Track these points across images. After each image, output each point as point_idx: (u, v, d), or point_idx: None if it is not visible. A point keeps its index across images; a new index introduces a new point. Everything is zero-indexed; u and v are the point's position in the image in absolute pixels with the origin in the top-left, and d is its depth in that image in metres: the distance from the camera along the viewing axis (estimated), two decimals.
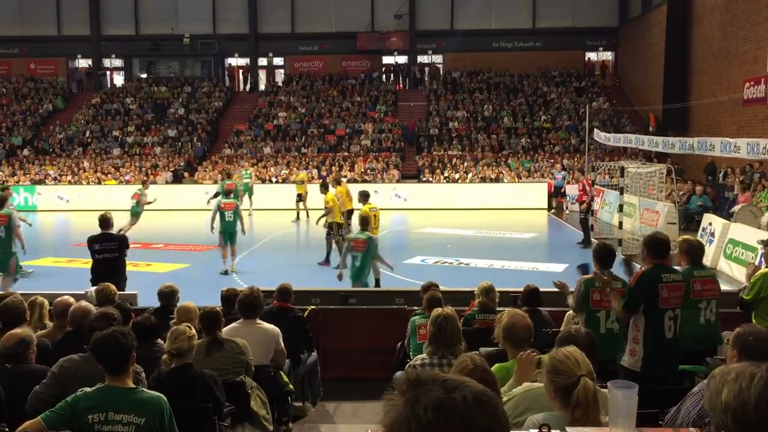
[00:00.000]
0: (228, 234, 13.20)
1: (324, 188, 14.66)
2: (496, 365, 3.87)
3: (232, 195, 13.94)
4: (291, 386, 6.13)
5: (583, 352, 2.96)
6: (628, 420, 2.61)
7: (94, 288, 6.44)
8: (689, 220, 17.88)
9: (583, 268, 5.82)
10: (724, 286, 11.18)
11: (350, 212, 14.50)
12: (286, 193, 23.55)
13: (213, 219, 13.25)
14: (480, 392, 1.28)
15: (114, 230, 9.45)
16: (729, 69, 22.23)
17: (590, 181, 17.54)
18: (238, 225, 13.28)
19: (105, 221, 9.17)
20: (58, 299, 5.82)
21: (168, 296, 6.64)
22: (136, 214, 17.18)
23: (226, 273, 13.12)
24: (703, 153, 16.94)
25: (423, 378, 1.30)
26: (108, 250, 9.02)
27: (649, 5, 30.35)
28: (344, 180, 17.79)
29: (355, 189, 14.32)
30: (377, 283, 11.00)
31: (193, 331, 4.67)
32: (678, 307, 4.90)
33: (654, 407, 3.71)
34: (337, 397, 7.03)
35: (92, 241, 9.10)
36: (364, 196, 12.09)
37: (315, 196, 17.93)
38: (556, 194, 24.64)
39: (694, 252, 5.61)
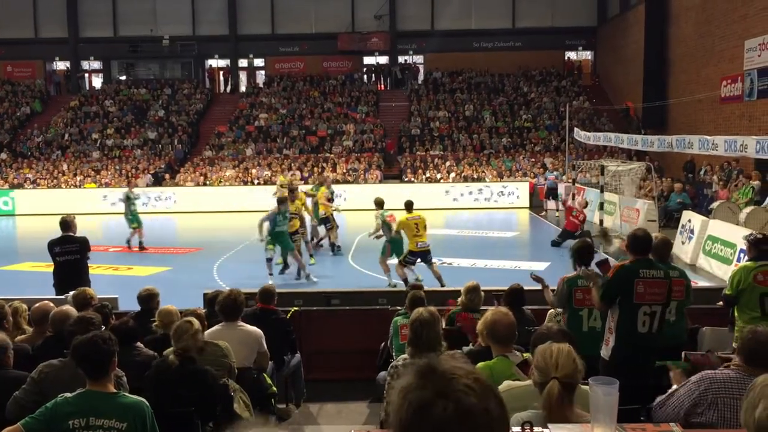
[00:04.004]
0: (398, 246, 12.17)
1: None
2: (480, 364, 3.89)
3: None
4: (274, 388, 6.11)
5: None
6: (610, 416, 2.63)
7: (73, 293, 6.38)
8: (669, 218, 18.06)
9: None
10: (704, 283, 11.33)
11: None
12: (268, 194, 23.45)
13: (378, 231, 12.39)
14: (468, 405, 1.26)
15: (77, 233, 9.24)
16: (706, 67, 22.48)
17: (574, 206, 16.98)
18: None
19: (65, 224, 9.02)
20: (37, 304, 5.75)
21: (147, 299, 6.58)
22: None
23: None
24: (681, 150, 17.12)
25: (433, 369, 1.30)
26: (69, 252, 8.83)
27: (627, 5, 30.62)
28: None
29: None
30: None
31: (196, 325, 4.67)
32: (657, 303, 4.88)
33: (635, 403, 3.74)
34: (321, 398, 7.02)
35: (52, 244, 8.90)
36: (408, 206, 11.96)
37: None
38: (548, 195, 23.82)
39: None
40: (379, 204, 12.53)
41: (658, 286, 4.86)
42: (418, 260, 11.68)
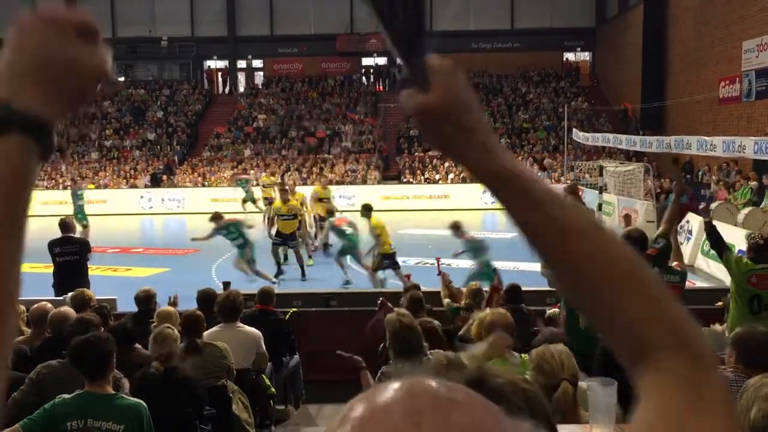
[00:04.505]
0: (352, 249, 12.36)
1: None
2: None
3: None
4: (273, 389, 6.12)
5: None
6: (608, 416, 2.63)
7: (71, 294, 6.37)
8: None
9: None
10: (702, 283, 11.35)
11: None
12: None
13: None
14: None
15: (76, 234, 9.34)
16: (704, 68, 22.49)
17: None
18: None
19: (65, 225, 9.13)
20: (36, 305, 5.75)
21: (145, 301, 6.56)
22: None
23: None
24: (680, 151, 17.14)
25: (483, 381, 1.15)
26: (68, 253, 8.93)
27: (626, 5, 30.64)
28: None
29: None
30: None
31: (176, 332, 4.65)
32: None
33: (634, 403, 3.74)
34: (320, 400, 7.01)
35: (52, 244, 9.04)
36: (368, 209, 12.04)
37: None
38: None
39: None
40: (330, 213, 12.83)
41: None
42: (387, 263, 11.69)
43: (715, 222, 13.76)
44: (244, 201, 20.48)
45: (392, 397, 0.61)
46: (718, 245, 6.08)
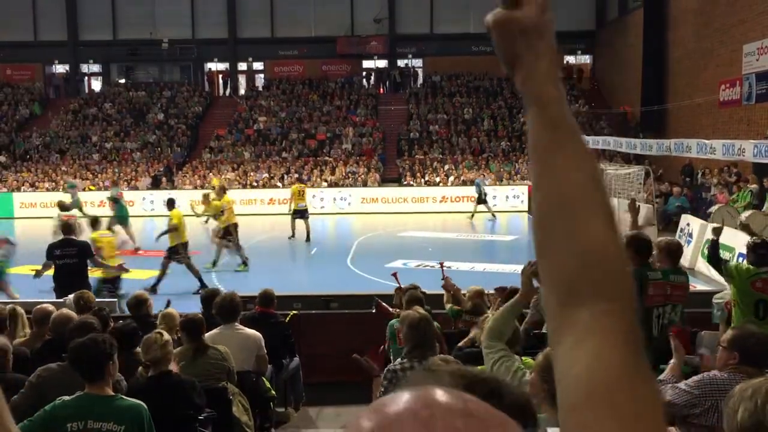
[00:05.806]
0: None
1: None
2: (480, 367, 3.88)
3: None
4: (273, 392, 6.11)
5: None
6: None
7: (72, 296, 6.37)
8: (667, 221, 18.06)
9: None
10: (702, 286, 11.36)
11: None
12: (266, 198, 23.50)
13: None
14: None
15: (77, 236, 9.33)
16: (705, 71, 22.50)
17: None
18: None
19: (67, 227, 9.16)
20: (37, 307, 5.76)
21: (136, 306, 6.45)
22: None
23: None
24: (680, 154, 17.14)
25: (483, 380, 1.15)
26: (68, 256, 8.95)
27: (626, 8, 30.68)
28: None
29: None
30: None
31: (166, 336, 4.59)
32: (661, 305, 4.96)
33: None
34: (320, 402, 7.02)
35: (53, 247, 9.09)
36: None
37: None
38: (480, 201, 22.52)
39: (674, 253, 5.49)
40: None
41: (662, 287, 4.96)
42: None
43: (714, 224, 13.76)
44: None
45: (405, 408, 0.59)
46: (716, 261, 6.12)
